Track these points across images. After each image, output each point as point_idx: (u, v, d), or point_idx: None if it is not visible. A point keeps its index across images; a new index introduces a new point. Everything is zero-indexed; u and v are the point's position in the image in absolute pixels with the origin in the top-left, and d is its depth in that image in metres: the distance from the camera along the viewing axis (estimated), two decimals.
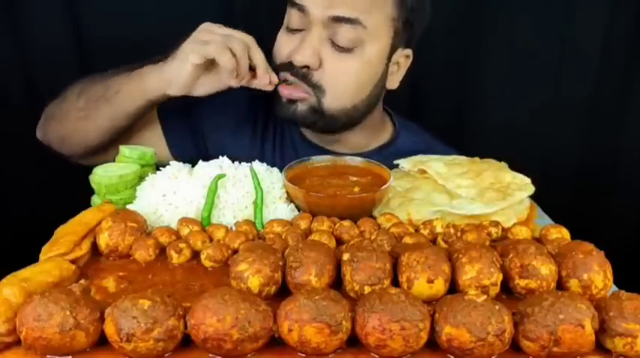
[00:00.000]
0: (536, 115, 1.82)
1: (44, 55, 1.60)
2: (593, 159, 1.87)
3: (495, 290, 0.75)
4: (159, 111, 1.26)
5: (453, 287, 0.76)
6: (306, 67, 1.13)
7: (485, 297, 0.67)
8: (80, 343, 0.64)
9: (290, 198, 1.04)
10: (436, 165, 1.10)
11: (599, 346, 0.68)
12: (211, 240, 0.90)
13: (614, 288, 0.78)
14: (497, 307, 0.65)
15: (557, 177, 1.79)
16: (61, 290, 0.66)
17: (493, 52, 1.76)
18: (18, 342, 0.66)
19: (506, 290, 0.78)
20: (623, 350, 0.66)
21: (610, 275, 0.77)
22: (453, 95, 1.83)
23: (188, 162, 1.07)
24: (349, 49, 1.13)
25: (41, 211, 1.36)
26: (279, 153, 1.31)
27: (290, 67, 1.15)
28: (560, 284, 0.78)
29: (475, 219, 0.99)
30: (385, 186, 1.01)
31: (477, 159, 1.17)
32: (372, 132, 1.34)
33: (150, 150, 1.09)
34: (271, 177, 1.04)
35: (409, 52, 1.24)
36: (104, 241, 0.86)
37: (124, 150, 1.07)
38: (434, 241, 0.92)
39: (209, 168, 1.02)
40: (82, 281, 0.77)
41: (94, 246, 0.87)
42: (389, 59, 1.20)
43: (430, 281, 0.74)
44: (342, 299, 0.67)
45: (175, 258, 0.86)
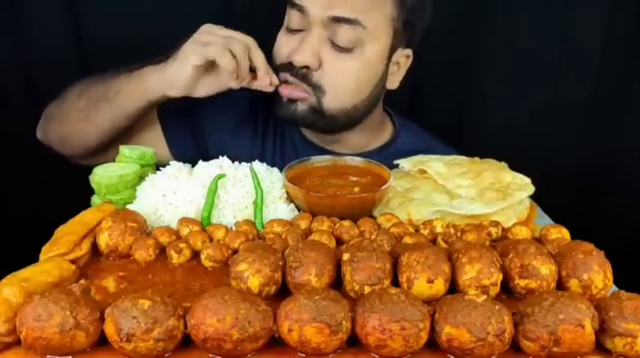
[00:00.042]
0: (536, 115, 1.82)
1: (44, 55, 1.59)
2: (593, 159, 1.87)
3: (495, 290, 0.75)
4: (159, 112, 1.26)
5: (453, 287, 0.76)
6: (306, 67, 1.13)
7: (485, 297, 0.67)
8: (80, 343, 0.64)
9: (290, 198, 1.04)
10: (436, 165, 1.10)
11: (599, 346, 0.68)
12: (211, 240, 0.90)
13: (614, 288, 0.78)
14: (497, 307, 0.65)
15: (557, 177, 1.79)
16: (61, 290, 0.66)
17: (493, 52, 1.76)
18: (18, 342, 0.66)
19: (506, 290, 0.78)
20: (623, 350, 0.66)
21: (610, 275, 0.77)
22: (452, 95, 1.83)
23: (188, 162, 1.08)
24: (349, 49, 1.13)
25: (41, 211, 1.36)
26: (279, 153, 1.31)
27: (290, 68, 1.15)
28: (560, 284, 0.78)
29: (475, 219, 0.99)
30: (385, 186, 1.01)
31: (477, 159, 1.17)
32: (372, 133, 1.34)
33: (150, 150, 1.09)
34: (271, 177, 1.04)
35: (409, 52, 1.24)
36: (104, 241, 0.86)
37: (124, 150, 1.07)
38: (434, 241, 0.92)
39: (209, 168, 1.02)
40: (82, 281, 0.77)
41: (94, 246, 0.87)
42: (389, 59, 1.20)
43: (430, 281, 0.74)
44: (342, 299, 0.67)
45: (175, 258, 0.86)
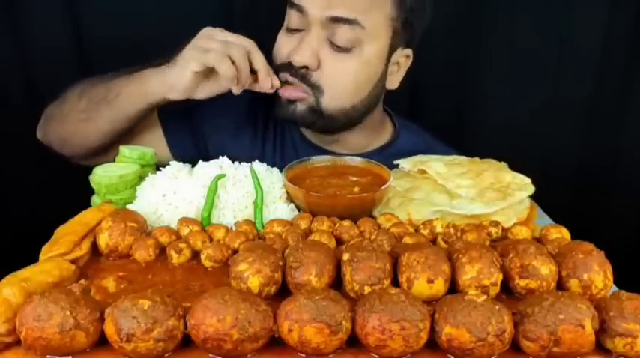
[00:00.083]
0: (536, 115, 1.82)
1: (44, 55, 1.60)
2: (593, 159, 1.87)
3: (495, 290, 0.75)
4: (160, 114, 1.26)
5: (453, 287, 0.76)
6: (305, 67, 1.13)
7: (485, 297, 0.67)
8: (80, 343, 0.64)
9: (290, 198, 1.04)
10: (436, 165, 1.10)
11: (599, 346, 0.68)
12: (211, 240, 0.90)
13: (614, 288, 0.78)
14: (497, 307, 0.65)
15: (557, 177, 1.79)
16: (61, 290, 0.66)
17: (493, 52, 1.76)
18: (18, 342, 0.66)
19: (506, 290, 0.78)
20: (623, 350, 0.66)
21: (610, 275, 0.77)
22: (452, 95, 1.83)
23: (188, 163, 1.08)
24: (348, 49, 1.13)
25: (41, 211, 1.36)
26: (279, 153, 1.30)
27: (289, 68, 1.15)
28: (560, 284, 0.77)
29: (475, 219, 0.99)
30: (385, 186, 1.01)
31: (477, 159, 1.17)
32: (372, 133, 1.34)
33: (150, 150, 1.09)
34: (271, 177, 1.04)
35: (409, 52, 1.24)
36: (104, 241, 0.86)
37: (124, 150, 1.07)
38: (434, 241, 0.92)
39: (209, 168, 1.02)
40: (82, 281, 0.77)
41: (94, 246, 0.87)
42: (388, 59, 1.20)
43: (430, 281, 0.74)
44: (342, 299, 0.67)
45: (175, 258, 0.86)
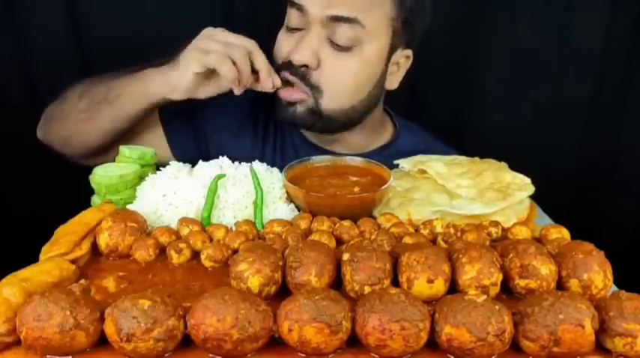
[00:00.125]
0: (536, 115, 1.82)
1: (44, 55, 1.60)
2: (593, 159, 1.87)
3: (495, 290, 0.75)
4: (160, 113, 1.26)
5: (453, 287, 0.76)
6: (305, 66, 1.13)
7: (485, 297, 0.67)
8: (80, 343, 0.64)
9: (290, 198, 1.04)
10: (436, 165, 1.10)
11: (599, 346, 0.68)
12: (211, 240, 0.90)
13: (614, 288, 0.78)
14: (497, 307, 0.65)
15: (557, 177, 1.79)
16: (61, 290, 0.66)
17: (493, 52, 1.76)
18: (18, 342, 0.66)
19: (506, 290, 0.78)
20: (623, 350, 0.66)
21: (610, 275, 0.77)
22: (452, 95, 1.83)
23: (188, 163, 1.08)
24: (348, 48, 1.13)
25: (41, 211, 1.36)
26: (279, 154, 1.30)
27: (289, 66, 1.15)
28: (560, 284, 0.77)
29: (475, 219, 0.99)
30: (385, 186, 1.01)
31: (477, 159, 1.17)
32: (372, 133, 1.34)
33: (150, 150, 1.09)
34: (271, 177, 1.04)
35: (409, 52, 1.24)
36: (104, 241, 0.86)
37: (124, 150, 1.07)
38: (434, 241, 0.92)
39: (209, 168, 1.02)
40: (82, 281, 0.77)
41: (94, 246, 0.87)
42: (388, 59, 1.20)
43: (430, 281, 0.74)
44: (342, 299, 0.67)
45: (175, 258, 0.86)
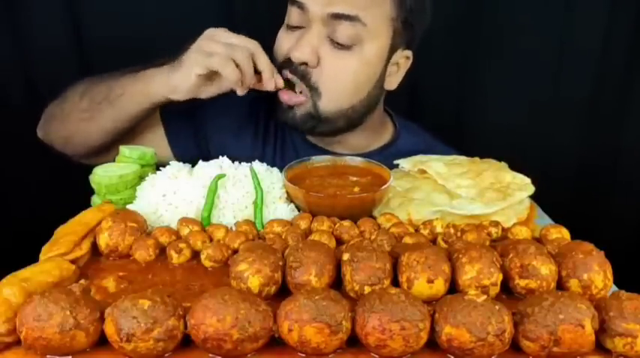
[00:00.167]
0: (536, 115, 1.82)
1: (44, 55, 1.60)
2: (593, 159, 1.87)
3: (495, 290, 0.75)
4: (161, 113, 1.26)
5: (453, 287, 0.76)
6: (305, 64, 1.13)
7: (485, 297, 0.67)
8: (80, 343, 0.64)
9: (290, 198, 1.04)
10: (436, 165, 1.10)
11: (599, 346, 0.68)
12: (211, 240, 0.90)
13: (614, 288, 0.78)
14: (497, 307, 0.65)
15: (557, 177, 1.79)
16: (61, 290, 0.66)
17: (493, 52, 1.76)
18: (18, 342, 0.66)
19: (506, 290, 0.78)
20: (623, 350, 0.66)
21: (610, 275, 0.77)
22: (452, 95, 1.83)
23: (188, 163, 1.08)
24: (348, 46, 1.12)
25: (41, 211, 1.36)
26: (279, 154, 1.30)
27: (289, 64, 1.15)
28: (560, 284, 0.77)
29: (475, 219, 0.99)
30: (385, 186, 1.01)
31: (477, 159, 1.17)
32: (372, 133, 1.34)
33: (150, 150, 1.09)
34: (271, 177, 1.04)
35: (409, 53, 1.24)
36: (104, 241, 0.86)
37: (124, 150, 1.07)
38: (434, 241, 0.92)
39: (209, 168, 1.02)
40: (82, 281, 0.77)
41: (94, 246, 0.87)
42: (388, 59, 1.20)
43: (430, 281, 0.74)
44: (342, 299, 0.67)
45: (175, 258, 0.86)
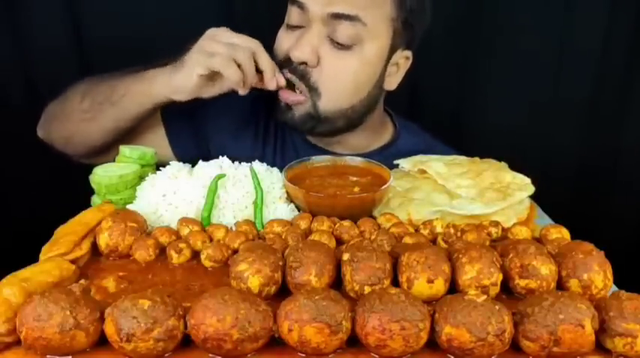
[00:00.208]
0: (536, 116, 1.82)
1: (44, 55, 1.60)
2: (593, 159, 1.87)
3: (495, 290, 0.75)
4: (162, 113, 1.26)
5: (453, 287, 0.76)
6: (304, 63, 1.13)
7: (485, 297, 0.67)
8: (80, 343, 0.64)
9: (290, 198, 1.04)
10: (436, 165, 1.10)
11: (599, 346, 0.68)
12: (211, 240, 0.90)
13: (614, 288, 0.78)
14: (497, 307, 0.65)
15: (557, 177, 1.79)
16: (61, 290, 0.66)
17: (492, 52, 1.76)
18: (18, 342, 0.66)
19: (506, 290, 0.78)
20: (623, 350, 0.66)
21: (610, 275, 0.77)
22: (452, 96, 1.83)
23: (188, 163, 1.07)
24: (348, 46, 1.12)
25: (41, 211, 1.36)
26: (279, 154, 1.30)
27: (289, 63, 1.15)
28: (560, 284, 0.77)
29: (475, 219, 0.99)
30: (385, 186, 1.01)
31: (477, 159, 1.17)
32: (372, 133, 1.34)
33: (150, 150, 1.09)
34: (271, 177, 1.04)
35: (409, 53, 1.24)
36: (104, 241, 0.86)
37: (124, 150, 1.07)
38: (434, 241, 0.92)
39: (209, 168, 1.02)
40: (82, 281, 0.77)
41: (94, 246, 0.87)
42: (388, 60, 1.20)
43: (430, 281, 0.74)
44: (342, 299, 0.67)
45: (175, 258, 0.86)
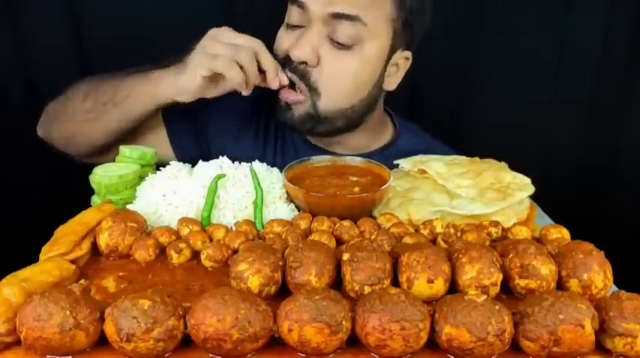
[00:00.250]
0: (536, 116, 1.82)
1: (44, 55, 1.60)
2: (593, 159, 1.87)
3: (495, 290, 0.75)
4: (164, 114, 1.26)
5: (453, 287, 0.76)
6: (304, 63, 1.13)
7: (485, 297, 0.67)
8: (80, 343, 0.64)
9: (290, 198, 1.04)
10: (436, 165, 1.10)
11: (599, 346, 0.68)
12: (211, 240, 0.90)
13: (614, 288, 0.78)
14: (497, 307, 0.65)
15: (557, 177, 1.79)
16: (61, 290, 0.66)
17: (493, 53, 1.76)
18: (18, 342, 0.66)
19: (506, 290, 0.78)
20: (623, 350, 0.66)
21: (610, 275, 0.77)
22: (452, 96, 1.83)
23: (189, 163, 1.07)
24: (348, 46, 1.12)
25: (41, 211, 1.36)
26: (280, 155, 1.30)
27: (289, 63, 1.14)
28: (560, 284, 0.77)
29: (475, 219, 0.99)
30: (385, 186, 1.01)
31: (477, 159, 1.17)
32: (373, 134, 1.34)
33: (150, 150, 1.09)
34: (271, 177, 1.04)
35: (409, 54, 1.24)
36: (104, 241, 0.86)
37: (124, 150, 1.07)
38: (434, 241, 0.92)
39: (209, 168, 1.02)
40: (82, 281, 0.77)
41: (94, 246, 0.87)
42: (388, 60, 1.20)
43: (430, 281, 0.74)
44: (342, 299, 0.67)
45: (175, 258, 0.86)
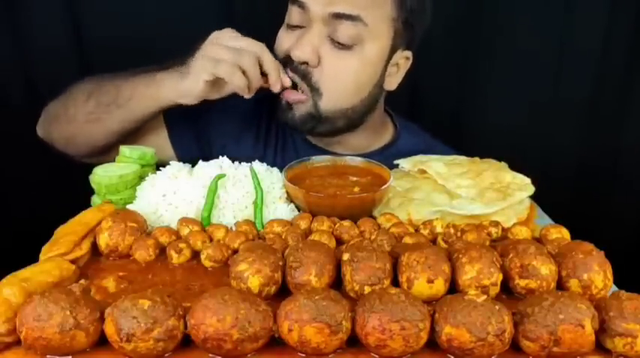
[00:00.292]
0: (536, 116, 1.82)
1: (44, 55, 1.60)
2: (593, 159, 1.87)
3: (495, 290, 0.75)
4: (165, 116, 1.26)
5: (453, 287, 0.76)
6: (305, 63, 1.13)
7: (485, 297, 0.67)
8: (80, 343, 0.64)
9: (290, 198, 1.04)
10: (436, 165, 1.10)
11: (599, 346, 0.68)
12: (211, 240, 0.90)
13: (614, 288, 0.78)
14: (497, 307, 0.65)
15: (557, 177, 1.79)
16: (61, 290, 0.66)
17: (493, 53, 1.76)
18: (18, 342, 0.66)
19: (506, 290, 0.78)
20: (623, 350, 0.66)
21: (610, 275, 0.77)
22: (452, 96, 1.83)
23: (189, 163, 1.08)
24: (349, 46, 1.12)
25: (41, 211, 1.36)
26: (280, 155, 1.30)
27: (289, 63, 1.14)
28: (560, 284, 0.78)
29: (475, 219, 0.99)
30: (385, 186, 1.01)
31: (477, 159, 1.17)
32: (373, 134, 1.34)
33: (150, 150, 1.09)
34: (271, 177, 1.04)
35: (409, 54, 1.24)
36: (104, 241, 0.86)
37: (124, 150, 1.07)
38: (434, 241, 0.92)
39: (209, 168, 1.02)
40: (82, 281, 0.77)
41: (94, 246, 0.87)
42: (388, 60, 1.20)
43: (430, 281, 0.74)
44: (342, 299, 0.67)
45: (175, 258, 0.86)
